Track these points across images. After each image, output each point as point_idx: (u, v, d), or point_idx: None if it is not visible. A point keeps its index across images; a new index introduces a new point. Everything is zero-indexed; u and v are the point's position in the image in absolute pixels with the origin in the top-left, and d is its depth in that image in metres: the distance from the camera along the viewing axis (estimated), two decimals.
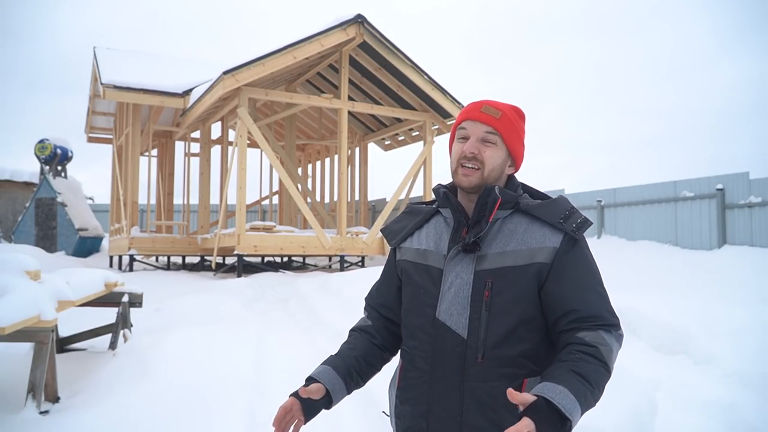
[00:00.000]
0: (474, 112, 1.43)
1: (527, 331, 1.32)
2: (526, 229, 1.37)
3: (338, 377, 1.43)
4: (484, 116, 1.41)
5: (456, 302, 1.34)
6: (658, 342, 5.62)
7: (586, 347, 1.23)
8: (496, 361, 1.30)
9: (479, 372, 1.30)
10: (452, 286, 1.35)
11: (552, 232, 1.35)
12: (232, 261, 13.08)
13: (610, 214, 11.19)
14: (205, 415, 3.48)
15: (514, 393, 1.10)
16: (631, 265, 9.21)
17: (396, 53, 11.03)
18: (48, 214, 15.34)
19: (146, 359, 4.24)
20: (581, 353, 1.22)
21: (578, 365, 1.20)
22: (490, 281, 1.33)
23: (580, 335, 1.26)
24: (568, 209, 1.37)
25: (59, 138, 16.17)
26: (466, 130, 1.43)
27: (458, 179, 1.40)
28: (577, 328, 1.28)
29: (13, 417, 3.32)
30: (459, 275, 1.35)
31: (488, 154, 1.39)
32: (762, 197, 8.68)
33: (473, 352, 1.31)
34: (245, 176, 10.32)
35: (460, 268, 1.36)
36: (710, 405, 4.10)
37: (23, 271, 3.52)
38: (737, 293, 7.22)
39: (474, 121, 1.42)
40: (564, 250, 1.34)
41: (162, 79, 12.05)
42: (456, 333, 1.33)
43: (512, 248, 1.35)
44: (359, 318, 1.62)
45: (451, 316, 1.34)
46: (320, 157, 16.79)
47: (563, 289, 1.31)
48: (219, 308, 7.05)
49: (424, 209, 1.53)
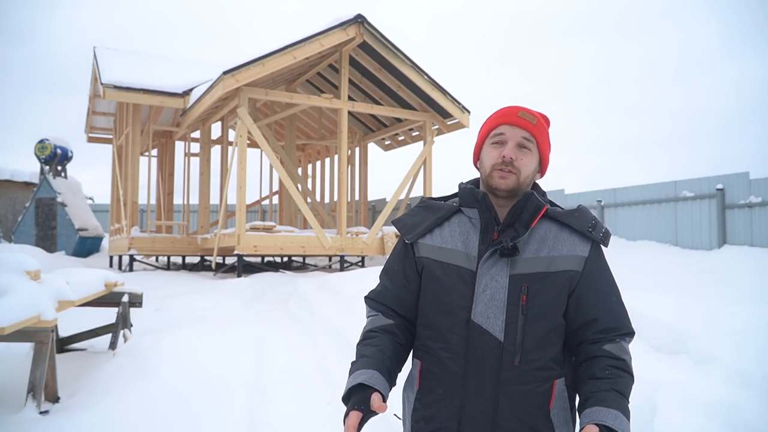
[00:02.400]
0: (512, 116, 1.42)
1: (556, 336, 1.37)
2: (556, 236, 1.39)
3: (387, 383, 1.36)
4: (522, 122, 1.41)
5: (492, 305, 1.33)
6: (658, 342, 5.62)
7: (615, 361, 1.34)
8: (531, 365, 1.33)
9: (514, 375, 1.32)
10: (487, 289, 1.34)
11: (581, 241, 1.40)
12: (232, 261, 13.08)
13: (610, 214, 11.19)
14: (205, 415, 3.48)
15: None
16: (631, 265, 9.21)
17: (396, 53, 11.03)
18: (48, 214, 15.33)
19: (146, 359, 4.24)
20: (613, 368, 1.32)
21: (616, 382, 1.30)
22: (526, 285, 1.34)
23: (607, 348, 1.35)
24: (593, 218, 1.42)
25: (59, 138, 16.17)
26: (504, 135, 1.42)
27: (495, 182, 1.40)
28: (602, 339, 1.37)
29: (13, 417, 3.32)
30: (494, 278, 1.34)
31: (525, 162, 1.41)
32: (762, 197, 8.68)
33: (509, 355, 1.32)
34: (245, 176, 10.32)
35: (494, 271, 1.35)
36: (711, 405, 4.09)
37: (23, 271, 3.52)
38: (737, 293, 7.22)
39: (512, 126, 1.42)
40: (593, 259, 1.40)
41: (162, 79, 12.06)
42: (493, 336, 1.32)
43: (545, 254, 1.37)
44: (370, 317, 1.51)
45: (488, 319, 1.33)
46: (320, 157, 16.79)
47: (591, 297, 1.38)
48: (219, 308, 7.06)
49: (443, 206, 1.49)
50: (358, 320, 5.81)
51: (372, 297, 1.53)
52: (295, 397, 4.03)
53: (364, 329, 1.49)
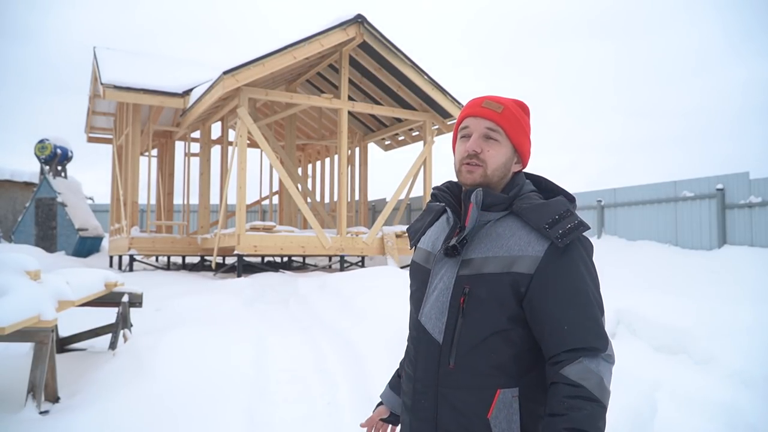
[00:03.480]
0: (475, 107, 1.37)
1: (501, 343, 1.26)
2: (513, 234, 1.29)
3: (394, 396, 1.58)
4: (486, 111, 1.35)
5: (436, 306, 1.32)
6: (658, 342, 5.62)
7: (572, 389, 1.18)
8: (467, 369, 1.26)
9: (452, 378, 1.28)
10: (435, 290, 1.33)
11: (538, 239, 1.27)
12: (232, 261, 13.08)
13: (610, 214, 11.19)
14: (205, 415, 3.48)
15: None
16: (631, 265, 9.21)
17: (396, 53, 11.03)
18: (48, 214, 15.33)
19: (146, 359, 4.24)
20: (570, 399, 1.17)
21: (571, 419, 1.15)
22: (468, 287, 1.28)
23: (564, 372, 1.20)
24: (560, 213, 1.26)
25: (59, 138, 16.17)
26: (468, 128, 1.37)
27: (462, 177, 1.36)
28: (560, 362, 1.21)
29: (13, 417, 3.32)
30: (442, 279, 1.32)
31: (492, 153, 1.33)
32: (762, 197, 8.68)
33: (446, 358, 1.28)
34: (245, 176, 10.32)
35: (444, 271, 1.33)
36: (710, 405, 4.09)
37: (23, 271, 3.52)
38: (737, 293, 7.22)
39: (475, 117, 1.36)
40: (548, 261, 1.24)
41: (162, 79, 12.06)
42: (432, 337, 1.31)
43: (494, 254, 1.27)
44: None
45: (430, 320, 1.32)
46: (320, 157, 16.79)
47: (546, 305, 1.23)
48: (219, 308, 7.05)
49: (436, 207, 1.49)
50: (358, 320, 5.81)
51: None
52: (295, 397, 4.03)
53: None
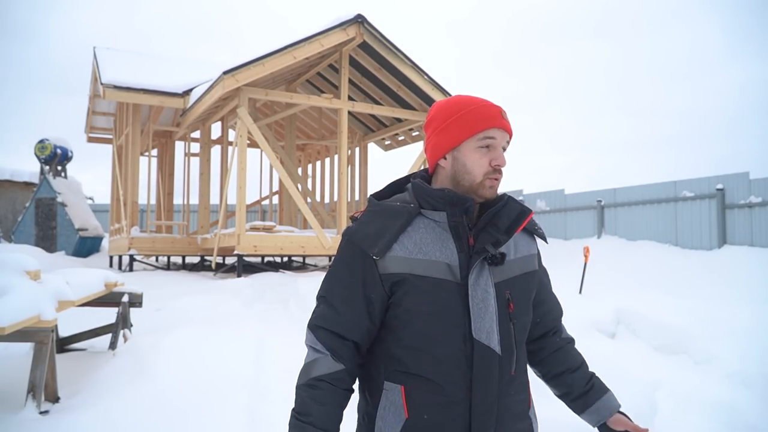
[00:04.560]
0: (499, 119, 1.32)
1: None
2: (517, 236, 1.40)
3: None
4: (507, 125, 1.34)
5: (487, 318, 1.25)
6: (658, 342, 5.62)
7: (573, 344, 1.53)
8: (522, 371, 1.36)
9: (512, 385, 1.31)
10: (481, 302, 1.25)
11: (529, 238, 1.43)
12: (232, 261, 13.08)
13: (610, 214, 11.19)
14: (205, 415, 3.48)
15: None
16: (631, 265, 9.21)
17: (396, 53, 11.03)
18: (48, 214, 15.33)
19: (146, 359, 4.24)
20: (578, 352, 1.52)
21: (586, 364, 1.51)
22: (509, 293, 1.30)
23: (565, 336, 1.52)
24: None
25: (59, 138, 16.16)
26: (495, 140, 1.32)
27: (485, 191, 1.31)
28: (560, 330, 1.52)
29: (13, 417, 3.32)
30: (484, 289, 1.26)
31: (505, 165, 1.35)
32: (762, 197, 8.68)
33: (506, 366, 1.28)
34: (245, 176, 10.32)
35: (482, 281, 1.26)
36: (710, 405, 4.10)
37: (23, 271, 3.52)
38: (737, 293, 7.22)
39: (500, 129, 1.32)
40: (539, 255, 1.45)
41: (162, 79, 12.05)
42: (493, 350, 1.25)
43: (514, 257, 1.35)
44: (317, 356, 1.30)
45: (487, 334, 1.25)
46: (320, 157, 16.79)
47: (545, 291, 1.48)
48: (219, 308, 7.05)
49: (403, 209, 1.32)
50: None
51: (324, 326, 1.31)
52: None
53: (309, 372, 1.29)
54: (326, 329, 1.30)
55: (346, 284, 1.30)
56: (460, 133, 1.32)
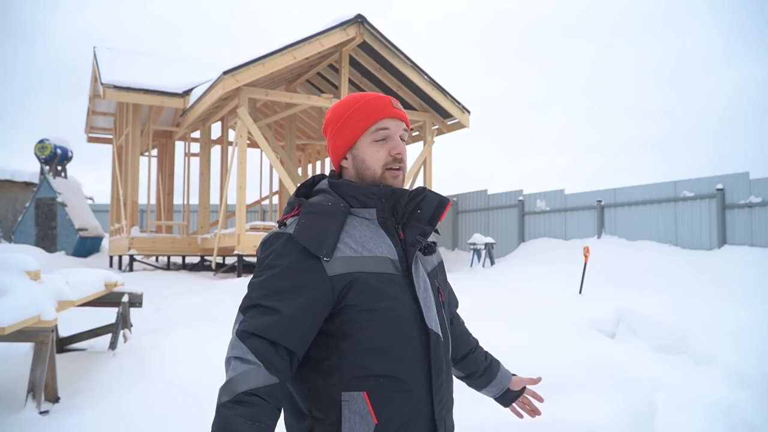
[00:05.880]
0: (391, 109, 1.33)
1: None
2: None
3: None
4: (400, 113, 1.34)
5: (431, 307, 1.29)
6: (658, 342, 5.62)
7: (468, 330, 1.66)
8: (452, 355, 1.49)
9: (449, 372, 1.36)
10: (425, 292, 1.29)
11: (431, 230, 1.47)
12: (232, 261, 13.08)
13: (610, 214, 11.18)
14: (204, 416, 3.47)
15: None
16: (631, 265, 9.21)
17: (396, 53, 11.03)
18: (48, 214, 15.33)
19: (146, 359, 4.24)
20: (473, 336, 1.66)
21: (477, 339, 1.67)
22: (437, 281, 1.38)
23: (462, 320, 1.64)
24: None
25: (59, 138, 16.15)
26: (389, 130, 1.32)
27: (388, 181, 1.31)
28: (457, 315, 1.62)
29: (13, 417, 3.32)
30: (424, 279, 1.31)
31: (406, 154, 1.36)
32: (762, 197, 8.68)
33: (448, 353, 1.35)
34: (245, 176, 10.32)
35: (421, 272, 1.31)
36: (710, 405, 4.10)
37: (23, 271, 3.52)
38: (737, 293, 7.22)
39: (394, 118, 1.33)
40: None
41: (162, 79, 12.06)
42: (441, 338, 1.29)
43: None
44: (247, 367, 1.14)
45: (435, 323, 1.28)
46: (320, 157, 16.79)
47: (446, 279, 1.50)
48: (219, 308, 7.05)
49: (336, 208, 1.28)
50: None
51: (258, 333, 1.16)
52: None
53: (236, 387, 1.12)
54: (260, 337, 1.16)
55: (287, 289, 1.20)
56: (354, 131, 1.32)
